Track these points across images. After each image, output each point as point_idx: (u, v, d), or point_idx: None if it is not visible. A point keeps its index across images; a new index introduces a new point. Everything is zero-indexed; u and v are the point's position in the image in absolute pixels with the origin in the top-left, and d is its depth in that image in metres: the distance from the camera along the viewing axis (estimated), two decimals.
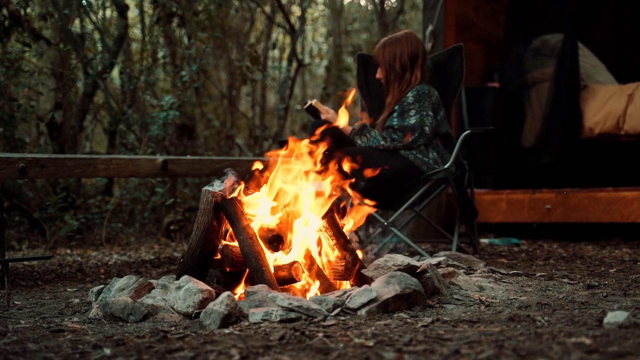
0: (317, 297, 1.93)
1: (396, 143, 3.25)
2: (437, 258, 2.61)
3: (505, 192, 4.58)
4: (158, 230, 5.10)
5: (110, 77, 6.05)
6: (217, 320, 1.80)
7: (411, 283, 1.94)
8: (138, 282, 2.17)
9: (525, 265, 3.12)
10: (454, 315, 1.84)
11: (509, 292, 2.18)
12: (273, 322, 1.78)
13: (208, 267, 2.22)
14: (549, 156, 4.88)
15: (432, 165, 3.26)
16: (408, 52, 3.38)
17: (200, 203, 2.23)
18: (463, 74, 3.53)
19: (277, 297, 1.89)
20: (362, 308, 1.87)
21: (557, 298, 2.07)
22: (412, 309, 1.92)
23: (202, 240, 2.18)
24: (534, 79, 5.20)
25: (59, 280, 3.04)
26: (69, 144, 5.05)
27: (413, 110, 3.26)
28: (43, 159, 2.97)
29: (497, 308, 1.92)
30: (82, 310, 2.22)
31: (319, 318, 1.80)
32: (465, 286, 2.20)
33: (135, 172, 3.28)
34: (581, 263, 3.16)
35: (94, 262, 3.69)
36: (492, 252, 3.77)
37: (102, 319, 2.02)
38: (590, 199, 4.19)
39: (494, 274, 2.50)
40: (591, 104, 4.89)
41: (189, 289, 1.97)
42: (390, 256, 2.11)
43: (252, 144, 6.65)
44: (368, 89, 3.85)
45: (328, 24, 9.86)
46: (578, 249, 3.94)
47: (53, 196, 4.58)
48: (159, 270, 3.32)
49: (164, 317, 1.98)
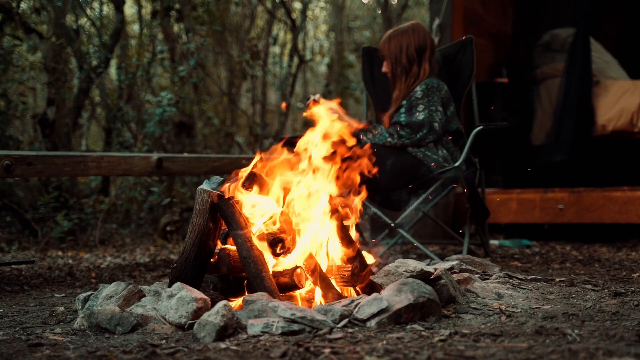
0: (322, 307, 1.76)
1: (404, 140, 3.07)
2: (449, 262, 2.44)
3: (516, 192, 4.41)
4: (155, 231, 4.92)
5: (107, 73, 5.87)
6: (212, 332, 1.63)
7: (425, 291, 1.76)
8: (127, 290, 2.00)
9: (541, 269, 2.95)
10: (473, 327, 1.67)
11: (529, 300, 2.01)
12: (274, 335, 1.61)
13: (203, 272, 2.05)
14: (560, 154, 4.70)
15: (442, 163, 3.09)
16: (415, 44, 3.20)
17: (195, 203, 2.05)
18: (473, 68, 3.37)
19: (279, 306, 1.72)
20: (372, 319, 1.70)
21: (584, 307, 1.90)
22: (426, 319, 1.75)
23: (197, 243, 2.01)
24: (544, 74, 5.03)
25: (47, 284, 2.87)
26: (63, 142, 4.88)
27: (421, 105, 3.09)
28: (30, 157, 2.80)
29: (520, 319, 1.75)
30: (67, 319, 2.05)
31: (325, 330, 1.63)
32: (482, 293, 2.03)
33: (128, 171, 3.11)
34: (600, 266, 2.99)
35: (86, 265, 3.52)
36: (503, 255, 3.60)
37: (88, 330, 1.86)
38: (605, 198, 4.01)
39: (511, 280, 2.33)
40: (604, 100, 4.72)
41: (182, 297, 1.80)
42: (402, 261, 1.94)
43: (252, 142, 6.47)
44: (374, 83, 3.68)
45: (329, 20, 9.69)
46: (592, 251, 3.77)
47: (45, 195, 4.41)
48: (153, 274, 3.15)
49: (155, 328, 1.81)
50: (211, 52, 6.54)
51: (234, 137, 6.29)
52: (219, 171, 3.35)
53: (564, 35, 5.02)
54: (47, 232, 4.28)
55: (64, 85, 4.72)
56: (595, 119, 4.69)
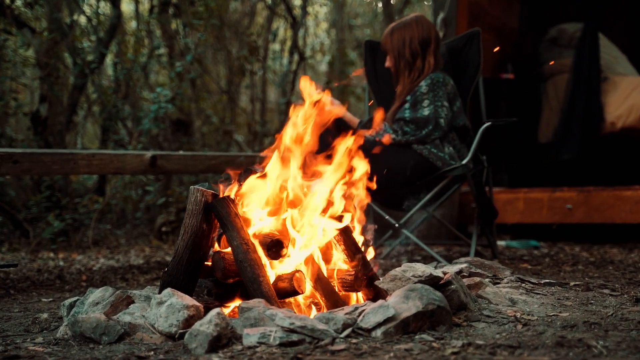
0: (323, 315, 1.63)
1: (408, 137, 2.94)
2: (457, 265, 2.31)
3: (523, 191, 4.27)
4: (151, 231, 4.79)
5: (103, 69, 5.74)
6: (204, 343, 1.50)
7: (435, 298, 1.63)
8: (115, 295, 1.87)
9: (552, 272, 2.82)
10: (487, 338, 1.54)
11: (546, 307, 1.88)
12: (271, 346, 1.48)
13: (197, 277, 1.92)
14: (568, 152, 4.57)
15: (448, 161, 2.95)
16: (419, 37, 3.07)
17: (188, 203, 1.92)
18: (480, 62, 3.24)
19: (277, 315, 1.59)
20: (378, 328, 1.57)
21: (605, 315, 1.76)
22: (436, 329, 1.61)
23: (190, 246, 1.88)
24: (551, 70, 4.89)
25: (35, 288, 2.74)
26: (57, 140, 4.75)
27: (427, 100, 2.96)
28: (16, 154, 2.67)
29: (537, 328, 1.62)
30: (51, 327, 1.92)
31: (326, 341, 1.50)
32: (495, 299, 1.90)
33: (120, 169, 2.98)
34: (614, 269, 2.86)
35: (78, 267, 3.38)
36: (511, 256, 3.46)
37: (71, 339, 1.73)
38: (616, 198, 3.88)
39: (523, 284, 2.19)
40: (613, 96, 4.59)
41: (172, 304, 1.67)
42: (409, 265, 1.81)
43: (251, 140, 6.33)
44: (377, 79, 3.55)
45: (330, 17, 9.55)
46: (603, 252, 3.63)
47: (37, 195, 4.28)
48: (147, 277, 3.02)
49: (143, 337, 1.68)
50: (210, 49, 6.40)
51: (232, 134, 6.15)
52: (215, 169, 3.22)
53: (572, 30, 4.88)
54: (39, 233, 4.14)
55: (56, 81, 4.58)
56: (604, 116, 4.56)
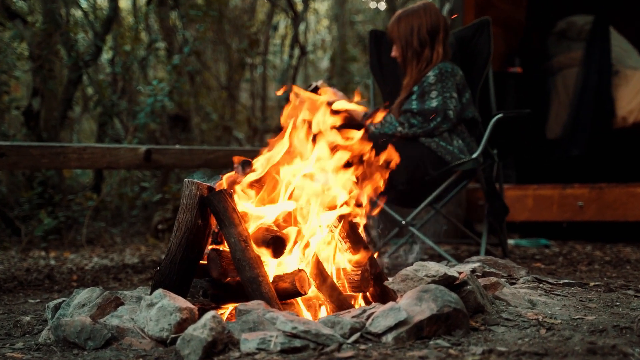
0: (328, 318, 1.49)
1: (415, 129, 2.80)
2: (470, 264, 2.17)
3: (532, 188, 4.13)
4: (147, 230, 4.64)
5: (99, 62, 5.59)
6: (198, 349, 1.37)
7: (450, 299, 1.49)
8: (102, 297, 1.72)
9: (567, 272, 2.68)
10: (509, 344, 1.40)
11: (569, 309, 1.73)
12: (272, 353, 1.35)
13: (191, 277, 1.77)
14: (578, 148, 4.43)
15: (458, 154, 2.81)
16: (427, 26, 2.92)
17: (182, 197, 1.78)
18: (490, 52, 3.09)
19: (277, 318, 1.45)
20: (388, 333, 1.43)
21: (635, 318, 1.62)
22: (452, 333, 1.47)
23: (184, 243, 1.74)
24: (560, 64, 4.75)
25: (22, 289, 2.59)
26: (51, 136, 4.60)
27: (435, 91, 2.81)
28: (3, 147, 2.53)
29: (563, 332, 1.48)
30: (34, 330, 1.78)
31: (332, 347, 1.37)
32: (514, 301, 1.75)
33: (113, 163, 2.84)
34: (632, 269, 2.72)
35: (69, 266, 3.24)
36: (522, 255, 3.32)
37: (54, 344, 1.59)
38: (629, 194, 3.74)
39: (541, 284, 2.05)
40: (624, 90, 4.44)
41: (163, 307, 1.53)
42: (422, 264, 1.66)
43: (251, 137, 6.19)
44: (382, 70, 3.40)
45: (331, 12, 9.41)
46: (617, 251, 3.49)
47: (29, 191, 4.13)
48: (141, 277, 2.88)
49: (132, 343, 1.54)
50: (209, 44, 6.26)
51: (231, 131, 6.00)
52: (212, 164, 3.09)
53: (581, 23, 4.74)
54: (31, 231, 4.00)
55: (50, 74, 4.43)
56: (615, 110, 4.42)
